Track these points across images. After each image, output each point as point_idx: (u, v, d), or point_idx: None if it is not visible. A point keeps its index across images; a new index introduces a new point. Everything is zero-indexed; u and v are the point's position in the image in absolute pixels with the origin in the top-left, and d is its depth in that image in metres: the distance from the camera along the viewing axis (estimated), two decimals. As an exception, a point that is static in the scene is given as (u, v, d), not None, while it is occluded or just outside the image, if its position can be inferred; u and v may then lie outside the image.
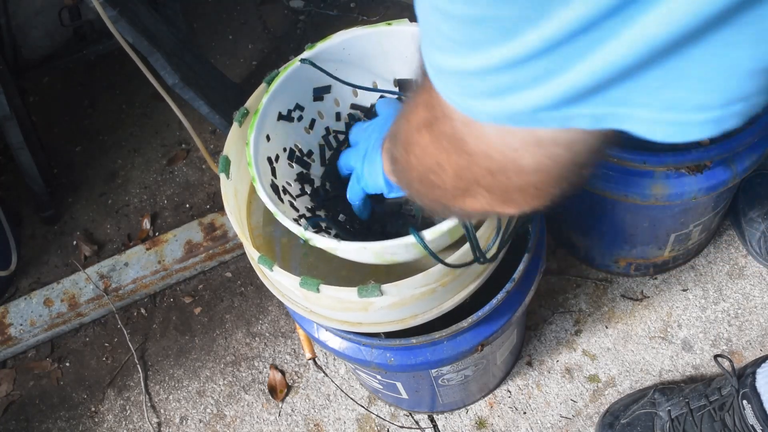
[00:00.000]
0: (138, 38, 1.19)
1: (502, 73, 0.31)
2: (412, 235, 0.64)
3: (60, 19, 1.54)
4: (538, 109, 0.32)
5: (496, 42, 0.30)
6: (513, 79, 0.31)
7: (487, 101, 0.34)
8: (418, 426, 1.24)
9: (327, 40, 0.79)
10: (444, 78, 0.36)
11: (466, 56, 0.32)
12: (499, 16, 0.29)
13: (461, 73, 0.34)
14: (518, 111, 0.33)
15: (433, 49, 0.35)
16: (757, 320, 1.24)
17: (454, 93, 0.36)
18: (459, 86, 0.35)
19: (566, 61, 0.29)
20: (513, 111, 0.33)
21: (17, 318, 1.42)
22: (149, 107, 1.71)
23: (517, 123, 0.34)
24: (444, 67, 0.35)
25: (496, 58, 0.31)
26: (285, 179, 0.81)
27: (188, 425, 1.32)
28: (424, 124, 0.42)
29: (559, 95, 0.31)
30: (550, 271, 1.33)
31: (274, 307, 1.41)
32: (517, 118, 0.33)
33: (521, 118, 0.33)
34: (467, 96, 0.35)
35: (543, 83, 0.31)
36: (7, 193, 1.66)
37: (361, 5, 1.76)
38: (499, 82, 0.32)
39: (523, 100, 0.32)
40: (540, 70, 0.30)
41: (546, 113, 0.32)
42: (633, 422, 1.11)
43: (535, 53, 0.29)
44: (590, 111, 0.32)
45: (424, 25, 0.35)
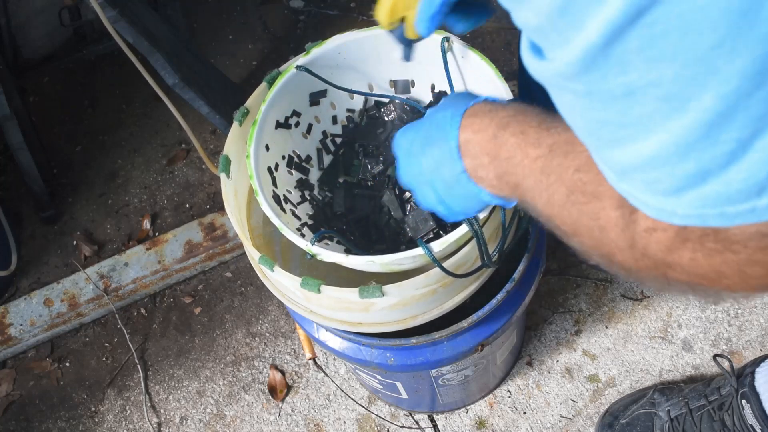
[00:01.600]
0: (138, 38, 1.19)
1: (686, 155, 0.28)
2: (420, 248, 0.64)
3: (60, 19, 1.54)
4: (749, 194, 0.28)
5: (668, 114, 0.27)
6: (700, 161, 0.28)
7: (681, 195, 0.30)
8: (418, 426, 1.24)
9: (322, 45, 0.79)
10: (628, 179, 0.33)
11: (639, 140, 0.29)
12: (661, 80, 0.26)
13: (643, 166, 0.30)
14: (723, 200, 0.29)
15: (604, 148, 0.32)
16: (757, 320, 1.24)
17: (642, 192, 0.32)
18: (645, 183, 0.31)
19: (760, 122, 0.26)
20: (716, 201, 0.29)
21: (17, 318, 1.42)
22: (149, 107, 1.71)
23: (731, 219, 0.30)
24: (623, 164, 0.32)
25: (674, 134, 0.28)
26: (285, 187, 0.81)
27: (188, 425, 1.32)
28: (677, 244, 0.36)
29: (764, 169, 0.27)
30: (550, 271, 1.33)
31: (274, 307, 1.41)
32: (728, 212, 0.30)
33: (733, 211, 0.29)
34: (658, 193, 0.31)
35: (739, 157, 0.27)
36: (7, 193, 1.66)
37: (361, 5, 1.76)
38: (687, 168, 0.28)
39: (724, 184, 0.28)
40: (729, 142, 0.27)
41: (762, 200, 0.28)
42: (632, 422, 1.11)
43: (716, 118, 0.26)
44: None
45: (584, 126, 0.32)
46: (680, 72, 0.26)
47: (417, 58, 0.81)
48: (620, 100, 0.29)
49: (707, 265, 0.34)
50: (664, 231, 0.35)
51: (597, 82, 0.29)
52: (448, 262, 0.66)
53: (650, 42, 0.26)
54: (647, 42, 0.26)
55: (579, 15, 0.27)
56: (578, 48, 0.28)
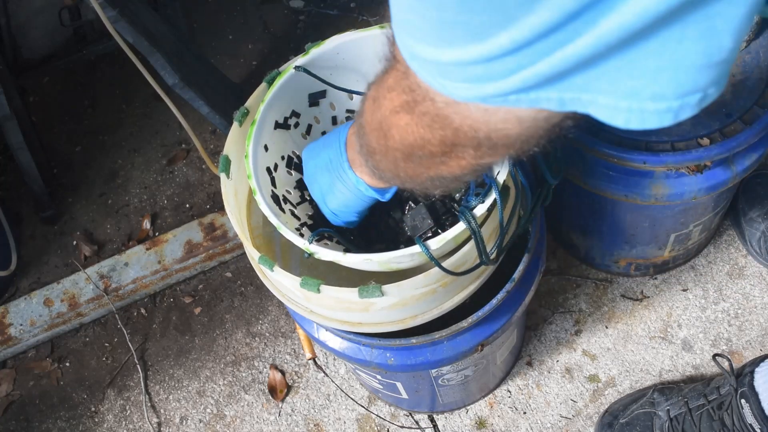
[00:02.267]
0: (138, 38, 1.19)
1: (477, 65, 0.34)
2: (417, 245, 0.64)
3: (60, 19, 1.54)
4: (510, 92, 0.35)
5: (470, 41, 0.33)
6: (486, 71, 0.34)
7: (464, 86, 0.37)
8: (418, 426, 1.24)
9: (321, 46, 0.79)
10: (421, 63, 0.39)
11: (442, 49, 0.35)
12: (470, 22, 0.32)
13: (438, 62, 0.36)
14: (492, 94, 0.36)
15: (410, 39, 0.37)
16: (757, 320, 1.24)
17: (432, 76, 0.39)
18: (437, 71, 0.38)
19: (534, 56, 0.32)
20: (488, 94, 0.36)
21: (17, 318, 1.42)
22: (149, 107, 1.71)
23: (493, 103, 0.37)
24: (421, 56, 0.38)
25: (471, 54, 0.34)
26: (285, 188, 0.81)
27: (188, 425, 1.32)
28: (402, 107, 0.46)
29: (528, 82, 0.34)
30: (550, 271, 1.33)
31: (274, 307, 1.41)
32: (492, 100, 0.37)
33: (496, 100, 0.36)
34: (445, 79, 0.38)
35: (513, 74, 0.34)
36: (7, 193, 1.66)
37: (361, 5, 1.76)
38: (475, 73, 0.35)
39: (496, 86, 0.35)
40: (511, 64, 0.33)
41: (517, 96, 0.35)
42: (632, 422, 1.11)
43: (506, 52, 0.32)
44: (557, 95, 0.35)
45: (399, 15, 0.37)
46: (486, 18, 0.31)
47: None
48: (435, 21, 0.34)
49: (416, 130, 0.45)
50: (398, 95, 0.45)
51: (417, 4, 0.34)
52: (447, 261, 0.66)
53: None
54: None
55: None
56: None
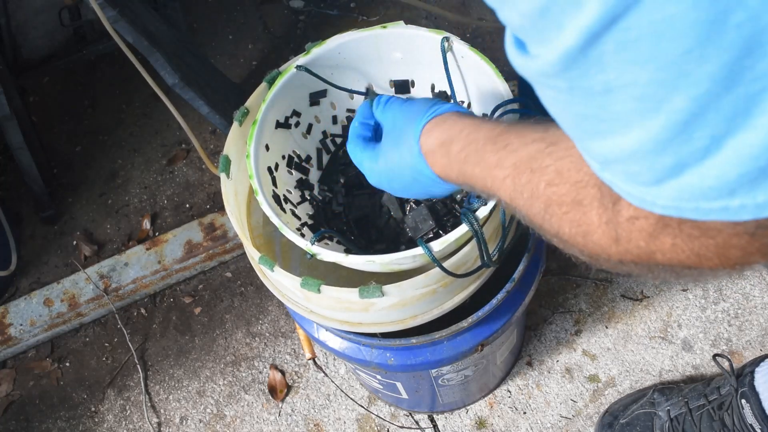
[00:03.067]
0: (138, 38, 1.19)
1: (662, 151, 0.30)
2: (419, 247, 0.64)
3: (60, 19, 1.54)
4: (722, 191, 0.30)
5: (645, 113, 0.29)
6: (677, 156, 0.30)
7: (660, 186, 0.32)
8: (418, 426, 1.24)
9: (322, 45, 0.79)
10: (610, 168, 0.34)
11: (619, 135, 0.31)
12: (637, 81, 0.28)
13: (624, 158, 0.32)
14: (698, 193, 0.31)
15: (586, 139, 0.34)
16: (757, 320, 1.24)
17: (623, 182, 0.34)
18: (626, 174, 0.33)
19: (730, 123, 0.28)
20: (692, 194, 0.31)
21: (17, 318, 1.42)
22: (149, 107, 1.71)
23: (706, 215, 0.32)
24: (604, 155, 0.33)
25: (651, 133, 0.29)
26: (285, 187, 0.81)
27: (188, 425, 1.32)
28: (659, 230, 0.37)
29: (740, 163, 0.29)
30: (550, 271, 1.33)
31: (274, 307, 1.41)
32: (702, 207, 0.31)
33: (708, 207, 0.31)
34: (638, 183, 0.33)
35: (712, 152, 0.29)
36: (7, 193, 1.66)
37: (361, 5, 1.76)
38: (665, 162, 0.30)
39: (699, 176, 0.30)
40: (703, 139, 0.28)
41: (735, 200, 0.30)
42: (632, 422, 1.11)
43: (689, 118, 0.28)
44: None
45: (567, 119, 0.34)
46: (654, 75, 0.28)
47: (417, 58, 0.81)
48: (599, 96, 0.30)
49: (688, 249, 0.36)
50: (646, 219, 0.37)
51: (577, 80, 0.30)
52: (448, 261, 0.66)
53: (625, 46, 0.28)
54: (622, 46, 0.28)
55: (558, 18, 0.29)
56: (558, 49, 0.30)
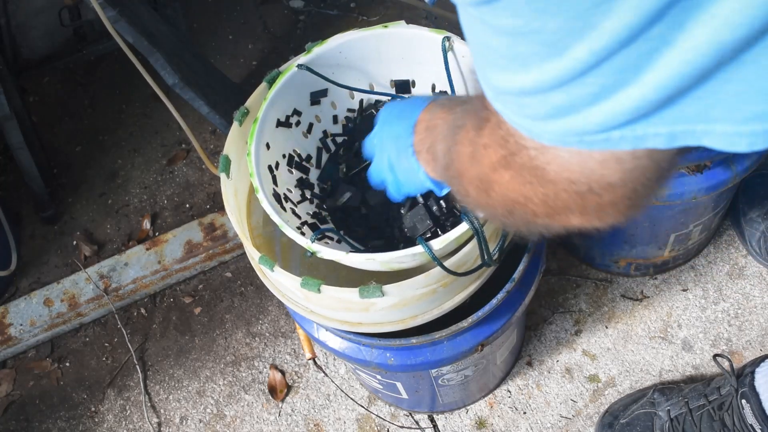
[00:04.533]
0: (138, 38, 1.19)
1: (556, 90, 0.31)
2: (419, 245, 0.64)
3: (60, 19, 1.53)
4: (604, 129, 0.31)
5: (545, 57, 0.30)
6: (568, 98, 0.31)
7: (548, 122, 0.33)
8: (418, 426, 1.24)
9: (323, 44, 0.79)
10: (502, 99, 0.36)
11: (518, 73, 0.32)
12: (544, 29, 0.29)
13: (517, 93, 0.33)
14: (582, 131, 0.32)
15: (487, 67, 0.35)
16: (757, 320, 1.24)
17: (515, 114, 0.35)
18: (518, 106, 0.34)
19: (622, 74, 0.29)
20: (577, 131, 0.32)
21: (17, 318, 1.42)
22: (149, 107, 1.71)
23: (590, 144, 0.33)
24: (500, 87, 0.35)
25: (548, 75, 0.31)
26: (286, 186, 0.81)
27: (188, 425, 1.32)
28: (500, 163, 0.42)
29: (628, 111, 0.30)
30: (550, 271, 1.33)
31: (274, 307, 1.41)
32: (588, 139, 0.33)
33: (593, 139, 0.32)
34: (528, 117, 0.34)
35: (601, 100, 0.30)
36: (7, 193, 1.66)
37: (361, 5, 1.76)
38: (556, 101, 0.32)
39: (584, 119, 0.31)
40: (595, 86, 0.30)
41: (618, 131, 0.31)
42: (632, 422, 1.11)
43: (586, 68, 0.29)
44: (666, 129, 0.31)
45: (475, 44, 0.35)
46: (562, 24, 0.29)
47: (418, 57, 0.81)
48: (507, 36, 0.32)
49: (518, 189, 0.41)
50: (495, 150, 0.41)
51: (489, 17, 0.32)
52: (448, 261, 0.66)
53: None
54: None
55: None
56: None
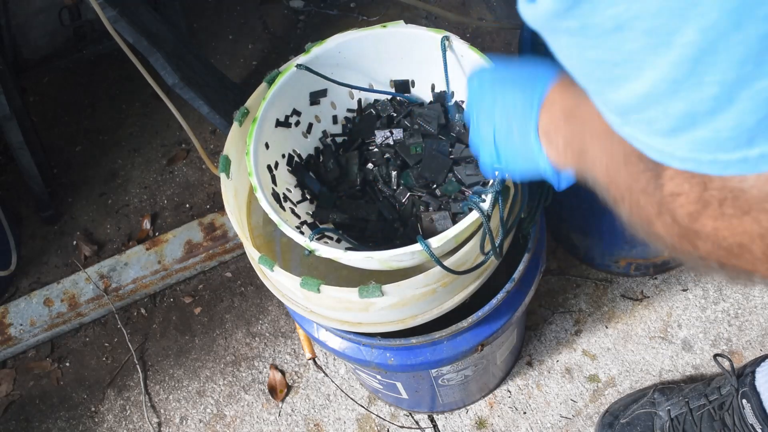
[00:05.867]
0: (138, 38, 1.19)
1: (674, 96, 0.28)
2: (418, 243, 0.64)
3: (60, 19, 1.54)
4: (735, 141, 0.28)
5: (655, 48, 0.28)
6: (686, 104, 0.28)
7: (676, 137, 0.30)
8: (418, 426, 1.24)
9: (322, 44, 0.79)
10: (631, 120, 0.32)
11: (635, 78, 0.29)
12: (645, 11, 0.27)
13: (641, 103, 0.30)
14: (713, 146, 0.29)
15: (603, 88, 0.32)
16: (757, 320, 1.24)
17: (642, 132, 0.32)
18: (646, 123, 0.31)
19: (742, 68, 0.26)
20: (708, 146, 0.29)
21: (17, 318, 1.42)
22: (149, 107, 1.71)
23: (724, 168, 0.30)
24: (623, 104, 0.32)
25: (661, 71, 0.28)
26: (285, 186, 0.81)
27: (188, 425, 1.32)
28: (698, 209, 0.35)
29: (753, 117, 0.27)
30: (550, 271, 1.33)
31: (274, 307, 1.41)
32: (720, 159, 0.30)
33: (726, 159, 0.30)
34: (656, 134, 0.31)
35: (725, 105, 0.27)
36: (7, 193, 1.66)
37: (361, 5, 1.76)
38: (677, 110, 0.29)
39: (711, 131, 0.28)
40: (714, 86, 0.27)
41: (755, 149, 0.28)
42: (633, 422, 1.11)
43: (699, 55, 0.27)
44: None
45: (580, 69, 0.32)
46: (663, 3, 0.27)
47: (417, 57, 0.81)
48: (611, 35, 0.29)
49: (729, 234, 0.33)
50: (687, 196, 0.34)
51: (587, 16, 0.29)
52: (448, 260, 0.66)
53: None
54: None
55: None
56: None
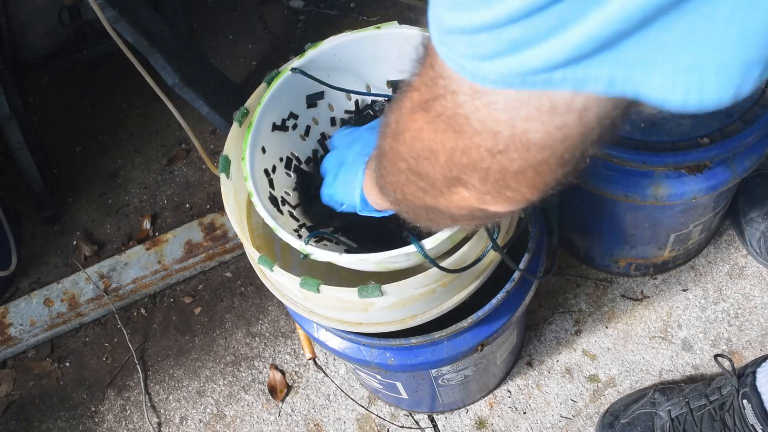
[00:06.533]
0: (138, 38, 1.19)
1: (515, 24, 0.30)
2: (412, 244, 0.64)
3: (60, 19, 1.54)
4: (553, 66, 0.31)
5: None
6: (526, 31, 0.30)
7: (498, 60, 0.33)
8: (418, 426, 1.24)
9: (317, 47, 0.79)
10: (452, 39, 0.35)
11: (477, 10, 0.31)
12: None
13: (471, 30, 0.33)
14: (532, 68, 0.32)
15: (442, 8, 0.34)
16: (757, 320, 1.24)
17: (461, 55, 0.34)
18: (468, 46, 0.34)
19: (581, 7, 0.28)
20: (526, 69, 0.32)
21: (17, 318, 1.42)
22: (149, 107, 1.71)
23: (531, 84, 0.33)
24: (453, 26, 0.34)
25: (510, 7, 0.30)
26: (283, 189, 0.81)
27: (188, 425, 1.32)
28: (420, 106, 0.40)
29: (574, 48, 0.30)
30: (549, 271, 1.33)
31: (274, 307, 1.41)
32: (530, 79, 0.32)
33: (535, 79, 0.32)
34: (476, 57, 0.34)
35: (557, 34, 0.30)
36: (7, 193, 1.66)
37: (361, 5, 1.76)
38: (512, 35, 0.31)
39: (538, 54, 0.31)
40: (554, 19, 0.29)
41: (561, 71, 0.31)
42: (633, 422, 1.11)
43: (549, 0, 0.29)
44: (606, 72, 0.31)
45: None
46: None
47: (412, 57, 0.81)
48: None
49: (429, 138, 0.39)
50: (419, 93, 0.39)
51: None
52: (445, 261, 0.66)
53: None
54: None
55: None
56: None
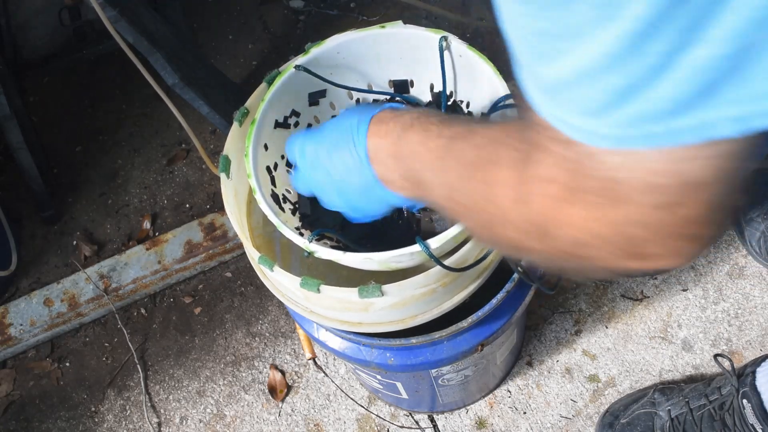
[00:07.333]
0: (138, 38, 1.19)
1: (614, 69, 0.28)
2: (417, 244, 0.64)
3: (60, 19, 1.54)
4: (668, 113, 0.28)
5: (600, 21, 0.27)
6: (626, 78, 0.28)
7: (608, 114, 0.30)
8: (418, 426, 1.24)
9: (321, 45, 0.79)
10: (557, 97, 0.32)
11: (573, 51, 0.29)
12: None
13: (573, 80, 0.30)
14: (645, 117, 0.29)
15: (536, 61, 0.32)
16: (757, 320, 1.24)
17: (571, 112, 0.32)
18: (575, 103, 0.31)
19: (684, 36, 0.26)
20: (639, 118, 0.29)
21: (17, 318, 1.42)
22: (149, 107, 1.71)
23: (652, 140, 0.30)
24: (553, 79, 0.32)
25: (604, 45, 0.28)
26: (284, 187, 0.81)
27: (188, 425, 1.32)
28: (564, 198, 0.35)
29: (689, 89, 0.27)
30: (549, 270, 1.33)
31: (274, 307, 1.41)
32: (649, 130, 0.30)
33: (654, 130, 0.29)
34: (586, 114, 0.31)
35: (662, 73, 0.27)
36: (7, 193, 1.66)
37: (361, 5, 1.76)
38: (614, 84, 0.29)
39: (646, 102, 0.29)
40: (654, 55, 0.27)
41: (680, 120, 0.28)
42: (633, 422, 1.11)
43: (646, 28, 0.26)
44: (735, 111, 0.28)
45: (519, 39, 0.32)
46: None
47: (416, 57, 0.81)
48: (560, 5, 0.29)
49: (590, 222, 0.35)
50: (557, 183, 0.35)
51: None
52: (448, 260, 0.66)
53: None
54: None
55: None
56: None
